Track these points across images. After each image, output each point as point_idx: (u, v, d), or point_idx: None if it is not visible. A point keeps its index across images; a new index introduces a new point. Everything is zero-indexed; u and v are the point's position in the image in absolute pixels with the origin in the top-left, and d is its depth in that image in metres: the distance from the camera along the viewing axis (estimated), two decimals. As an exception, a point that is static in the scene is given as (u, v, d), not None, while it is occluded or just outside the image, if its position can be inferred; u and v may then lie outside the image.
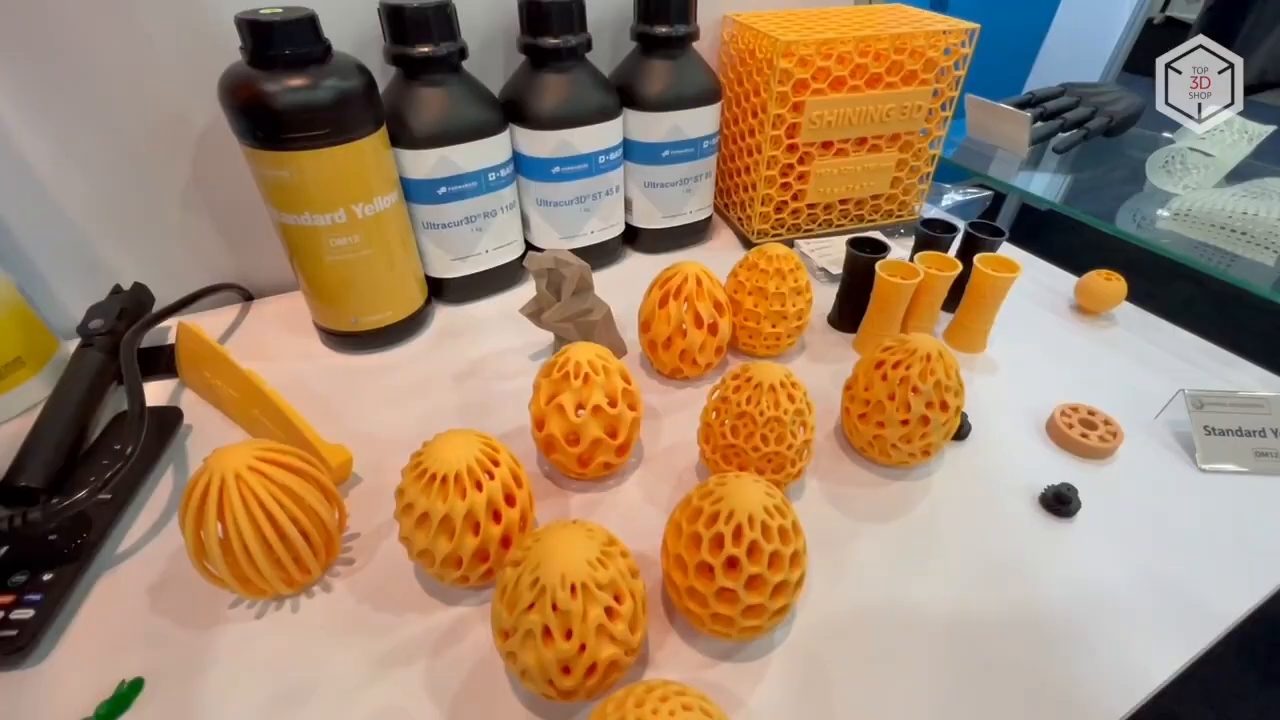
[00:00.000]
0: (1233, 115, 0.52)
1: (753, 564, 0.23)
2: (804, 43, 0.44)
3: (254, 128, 0.33)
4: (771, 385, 0.29)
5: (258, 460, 0.25)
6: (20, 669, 0.25)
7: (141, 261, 0.43)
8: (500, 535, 0.26)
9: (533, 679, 0.22)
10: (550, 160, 0.44)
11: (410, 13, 0.37)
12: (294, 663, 0.26)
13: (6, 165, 0.37)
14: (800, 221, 0.54)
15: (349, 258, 0.38)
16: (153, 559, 0.30)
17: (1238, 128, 0.55)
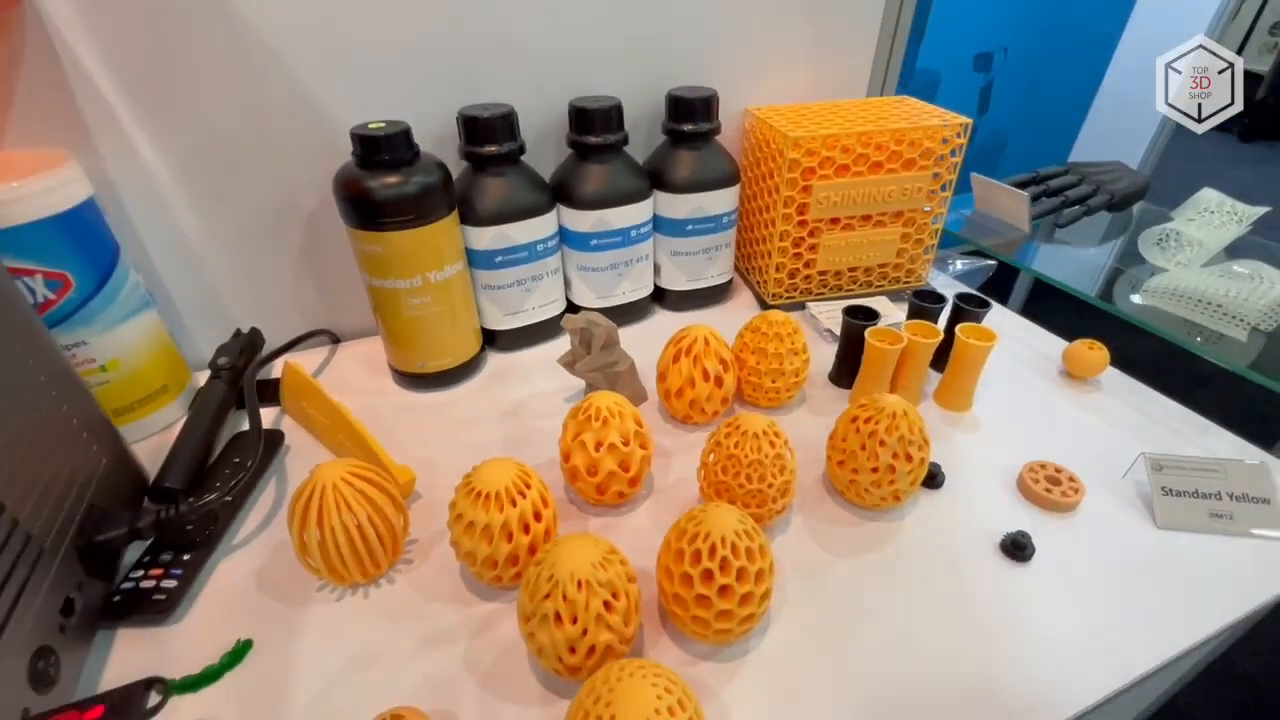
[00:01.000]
0: (1224, 198, 0.56)
1: (723, 576, 0.29)
2: (810, 137, 0.51)
3: (357, 214, 0.43)
4: (755, 433, 0.35)
5: (348, 474, 0.33)
6: (165, 625, 0.33)
7: (257, 310, 0.53)
8: (529, 544, 0.33)
9: (546, 656, 0.28)
10: (589, 234, 0.52)
11: (482, 121, 0.46)
12: (363, 636, 0.33)
13: (166, 233, 0.48)
14: (811, 286, 0.61)
15: (421, 314, 0.47)
16: (260, 549, 0.38)
17: (1228, 209, 0.58)
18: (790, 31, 0.58)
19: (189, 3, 0.41)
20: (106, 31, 0.40)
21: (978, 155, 2.17)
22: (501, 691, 0.30)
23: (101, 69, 0.41)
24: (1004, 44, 2.01)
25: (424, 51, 0.47)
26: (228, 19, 0.42)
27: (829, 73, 0.62)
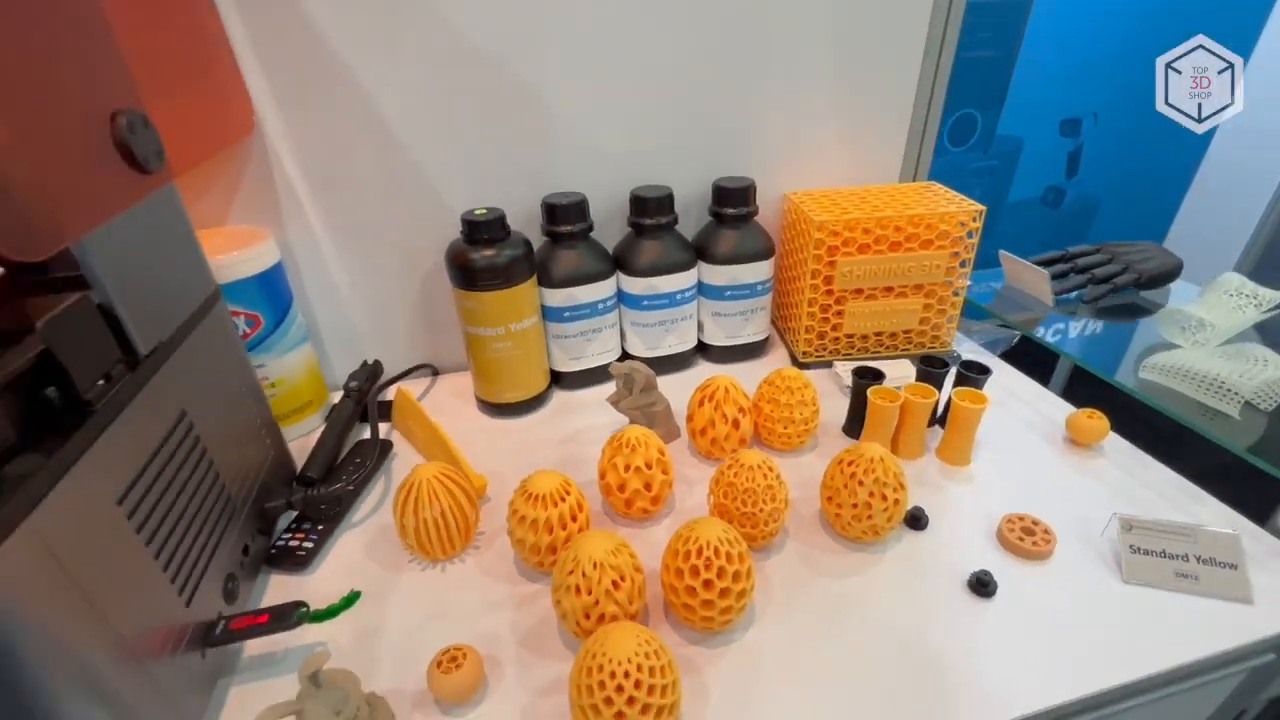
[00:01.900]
0: (1245, 281, 0.58)
1: (706, 572, 0.37)
2: (834, 221, 0.60)
3: (460, 277, 0.56)
4: (751, 466, 0.43)
5: (440, 474, 0.44)
6: (303, 574, 0.45)
7: (380, 346, 0.68)
8: (564, 538, 0.43)
9: (568, 619, 0.37)
10: (642, 296, 0.63)
11: (559, 207, 0.59)
12: (438, 598, 0.43)
13: (322, 287, 0.63)
14: (840, 347, 0.68)
15: (503, 355, 0.59)
16: (370, 528, 0.50)
17: (1248, 293, 0.60)
18: (826, 129, 0.68)
19: (356, 130, 0.56)
20: (300, 149, 0.56)
21: (1066, 220, 2.13)
22: (534, 647, 0.40)
23: (296, 173, 0.57)
24: (1093, 109, 2.00)
25: (517, 154, 0.61)
26: (380, 138, 0.57)
27: (863, 162, 0.71)
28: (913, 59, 0.66)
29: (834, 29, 0.62)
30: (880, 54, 0.65)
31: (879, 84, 0.67)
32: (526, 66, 0.57)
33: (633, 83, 0.61)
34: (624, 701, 0.30)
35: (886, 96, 0.68)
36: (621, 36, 0.58)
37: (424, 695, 0.37)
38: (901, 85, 0.67)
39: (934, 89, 0.68)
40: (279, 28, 0.51)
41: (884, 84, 0.67)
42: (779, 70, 0.63)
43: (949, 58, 0.67)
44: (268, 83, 0.53)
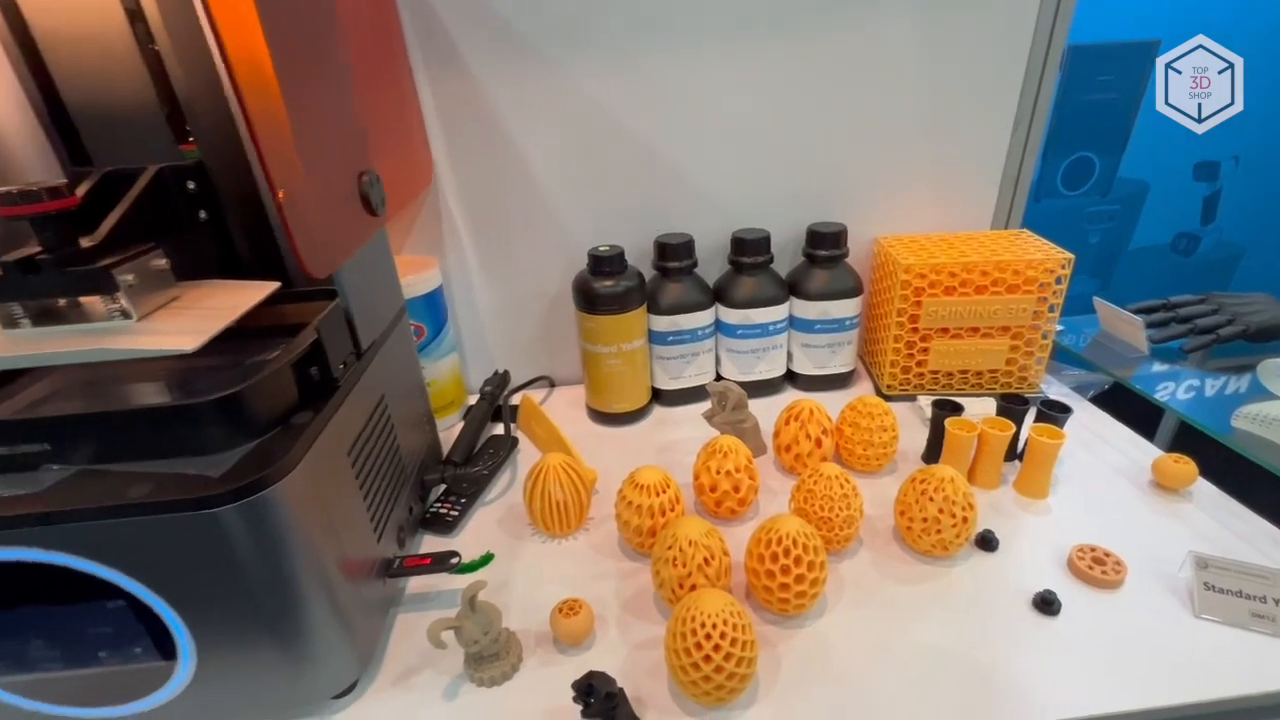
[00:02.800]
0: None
1: (785, 559, 0.43)
2: (920, 265, 0.65)
3: (584, 302, 0.66)
4: (829, 477, 0.49)
5: (564, 463, 0.54)
6: (449, 536, 0.56)
7: (508, 357, 0.79)
8: (663, 523, 0.50)
9: (664, 587, 0.45)
10: (737, 326, 0.71)
11: (669, 246, 0.68)
12: (555, 565, 0.52)
13: (468, 306, 0.76)
14: (924, 382, 0.72)
15: (614, 371, 0.68)
16: (499, 506, 0.60)
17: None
18: (918, 178, 0.73)
19: (506, 179, 0.69)
20: (463, 195, 0.69)
21: (1202, 269, 1.99)
22: (633, 611, 0.47)
23: (458, 214, 0.70)
24: (1234, 152, 1.88)
25: (635, 198, 0.71)
26: (524, 186, 0.69)
27: (953, 210, 0.75)
28: (1006, 110, 0.70)
29: (929, 83, 0.68)
30: (974, 105, 0.70)
31: (971, 135, 0.71)
32: (646, 126, 0.68)
33: (737, 137, 0.70)
34: (711, 648, 0.37)
35: (979, 146, 0.72)
36: (729, 97, 0.67)
37: (544, 636, 0.45)
38: (995, 136, 0.72)
39: (1029, 138, 0.72)
40: (457, 96, 0.65)
41: (977, 134, 0.72)
42: (873, 124, 0.70)
43: (1045, 106, 0.71)
44: (445, 141, 0.67)
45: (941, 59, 0.67)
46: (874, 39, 0.66)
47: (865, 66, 0.67)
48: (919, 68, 0.67)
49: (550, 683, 0.42)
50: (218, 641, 0.37)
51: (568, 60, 0.64)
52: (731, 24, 0.64)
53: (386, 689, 0.43)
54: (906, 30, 0.65)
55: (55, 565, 0.33)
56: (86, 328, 0.38)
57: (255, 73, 0.35)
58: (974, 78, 0.68)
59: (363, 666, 0.43)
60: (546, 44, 0.63)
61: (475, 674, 0.42)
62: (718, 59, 0.65)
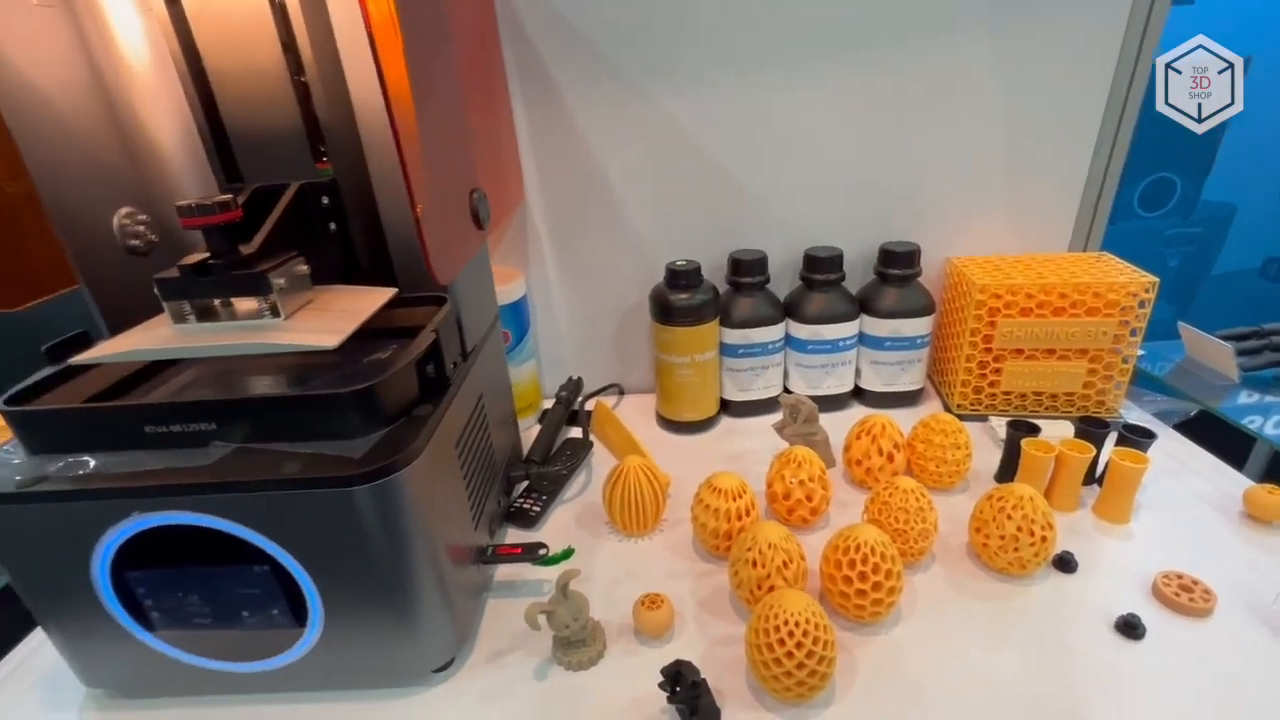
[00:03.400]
0: None
1: (862, 566, 0.44)
2: (995, 285, 0.65)
3: (660, 314, 0.69)
4: (905, 489, 0.50)
5: (643, 466, 0.56)
6: (531, 530, 0.59)
7: (582, 364, 0.83)
8: (739, 528, 0.52)
9: (743, 587, 0.47)
10: (807, 341, 0.72)
11: (743, 262, 0.70)
12: (632, 562, 0.55)
13: (547, 316, 0.80)
14: (996, 403, 0.72)
15: (686, 381, 0.71)
16: (576, 504, 0.63)
17: None
18: (994, 198, 0.74)
19: (589, 196, 0.73)
20: (548, 211, 0.74)
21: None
22: (710, 610, 0.49)
23: (543, 229, 0.75)
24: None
25: (710, 215, 0.74)
26: (605, 203, 0.73)
27: (1030, 231, 0.75)
28: (1088, 131, 0.70)
29: (1008, 103, 0.68)
30: (1054, 125, 0.69)
31: (1051, 155, 0.71)
32: (723, 146, 0.71)
33: (811, 157, 0.72)
34: (794, 644, 0.39)
35: (1058, 167, 0.72)
36: (805, 118, 0.70)
37: (624, 628, 0.48)
38: (1076, 157, 0.71)
39: (1111, 159, 0.71)
40: (548, 119, 0.69)
41: (1056, 155, 0.71)
42: (949, 144, 0.71)
43: (1129, 127, 0.70)
44: (535, 161, 0.71)
45: (1022, 79, 0.68)
46: (953, 60, 0.67)
47: (943, 87, 0.68)
48: (999, 88, 0.68)
49: (633, 671, 0.45)
50: (342, 610, 0.41)
51: (652, 85, 0.68)
52: (808, 49, 0.67)
53: (481, 666, 0.46)
54: (987, 52, 0.66)
55: (217, 530, 0.38)
56: (243, 324, 0.43)
57: (400, 101, 0.39)
58: (1055, 97, 0.68)
59: (460, 644, 0.46)
60: (633, 71, 0.67)
61: (564, 658, 0.45)
62: (795, 82, 0.68)
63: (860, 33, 0.66)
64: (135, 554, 0.39)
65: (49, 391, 0.43)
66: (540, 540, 0.52)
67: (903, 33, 0.66)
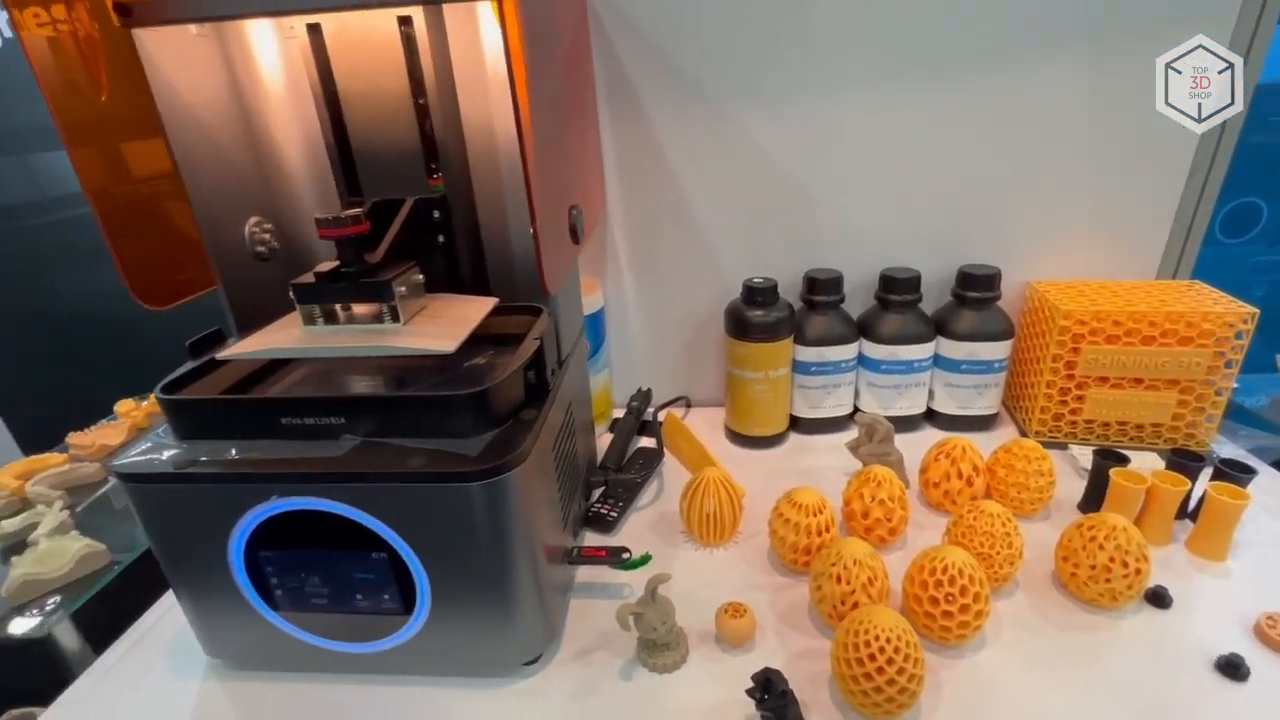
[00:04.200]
0: None
1: (949, 587, 0.45)
2: (1080, 311, 0.65)
3: (736, 329, 0.70)
4: (991, 514, 0.50)
5: (722, 477, 0.58)
6: (609, 534, 0.61)
7: (651, 376, 0.85)
8: (819, 544, 0.53)
9: (825, 602, 0.47)
10: (881, 361, 0.73)
11: (819, 281, 0.71)
12: (709, 573, 0.56)
13: (621, 328, 0.82)
14: (1077, 431, 0.70)
15: (758, 396, 0.72)
16: (649, 512, 0.64)
17: None
18: (1079, 222, 0.73)
19: (667, 213, 0.75)
20: (627, 227, 0.76)
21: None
22: (790, 622, 0.50)
23: (622, 244, 0.77)
24: None
25: (786, 234, 0.75)
26: (683, 220, 0.75)
27: (1116, 257, 0.73)
28: (1183, 156, 0.68)
29: (1098, 128, 0.67)
30: (1147, 150, 0.68)
31: (1142, 180, 0.70)
32: (802, 166, 0.72)
33: (890, 178, 0.72)
34: (884, 660, 0.39)
35: (1149, 193, 0.71)
36: (883, 140, 0.70)
37: (705, 635, 0.49)
38: (1169, 182, 0.70)
39: (1205, 185, 0.70)
40: (632, 135, 0.72)
41: (1148, 180, 0.70)
42: (1033, 167, 0.70)
43: (1226, 152, 0.68)
44: (618, 178, 0.74)
45: (1114, 103, 0.67)
46: (1041, 82, 0.66)
47: (1028, 109, 0.68)
48: (1089, 109, 0.67)
49: (715, 677, 0.46)
50: (446, 599, 0.43)
51: (735, 107, 0.70)
52: (889, 72, 0.67)
53: (568, 663, 0.48)
54: (1078, 73, 0.66)
55: (343, 516, 0.41)
56: (367, 327, 0.46)
57: (525, 124, 0.42)
58: (1149, 117, 0.66)
59: (549, 641, 0.48)
60: (718, 93, 0.69)
61: (649, 659, 0.46)
62: (876, 104, 0.69)
63: (945, 55, 0.67)
64: (267, 535, 0.42)
65: (192, 383, 0.47)
66: (621, 545, 0.54)
67: (988, 55, 0.66)
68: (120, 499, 0.61)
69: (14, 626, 0.52)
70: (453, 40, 0.52)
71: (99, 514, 0.65)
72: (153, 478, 0.41)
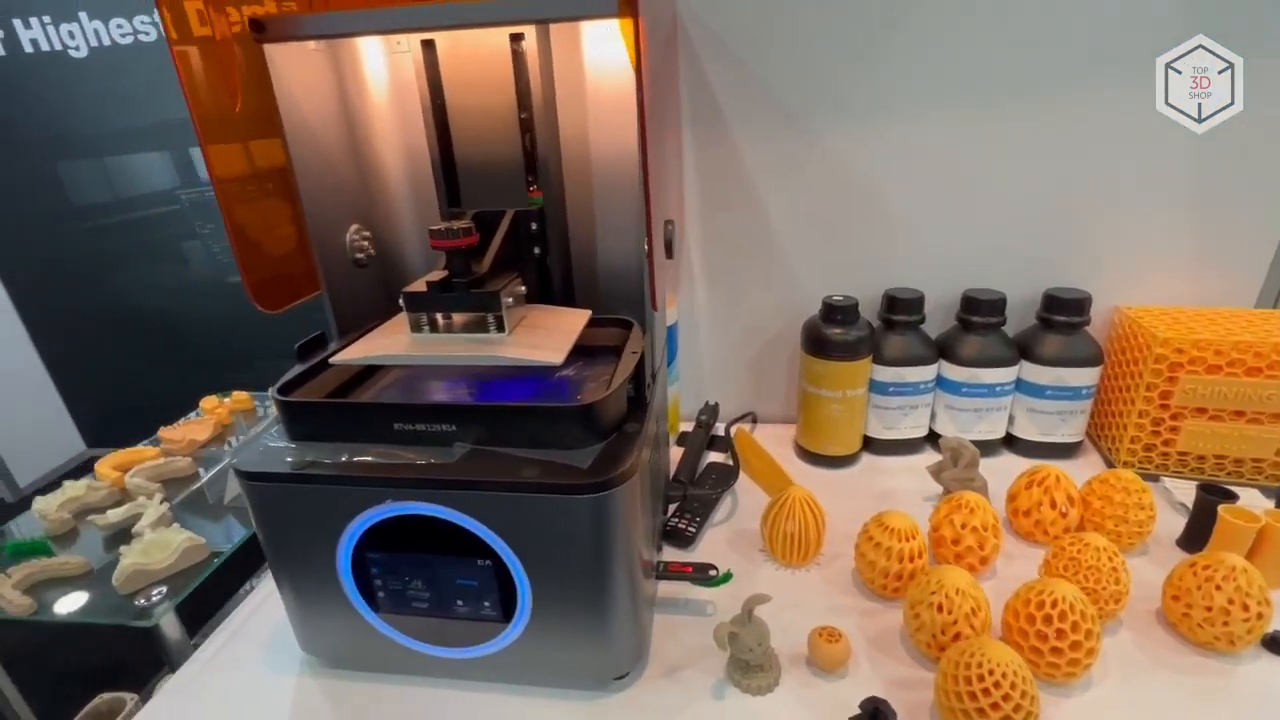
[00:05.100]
0: None
1: (1060, 622, 0.43)
2: (1179, 339, 0.62)
3: (814, 346, 0.70)
4: (1096, 547, 0.48)
5: (807, 497, 0.57)
6: (689, 548, 0.61)
7: (719, 390, 0.84)
8: (910, 570, 0.52)
9: (922, 631, 0.46)
10: (962, 383, 0.71)
11: (899, 300, 0.70)
12: (792, 593, 0.55)
13: (691, 340, 0.82)
14: (1169, 463, 0.67)
15: (834, 415, 0.71)
16: (726, 529, 0.64)
17: None
18: (1173, 246, 0.70)
19: (744, 229, 0.75)
20: (705, 241, 0.76)
21: None
22: (882, 649, 0.49)
23: (698, 258, 0.77)
24: None
25: (866, 252, 0.74)
26: (759, 235, 0.75)
27: (1212, 283, 0.71)
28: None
29: (1200, 149, 0.65)
30: (1255, 172, 0.66)
31: (1247, 205, 0.67)
32: (884, 184, 0.71)
33: (974, 196, 0.71)
34: (1000, 696, 0.38)
35: (1254, 217, 0.68)
36: (969, 159, 0.69)
37: (794, 659, 0.48)
38: (1272, 206, 0.67)
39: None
40: (715, 156, 0.72)
41: (1254, 204, 0.67)
42: (1128, 190, 0.69)
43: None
44: (698, 193, 0.74)
45: (1216, 124, 0.65)
46: (1137, 102, 0.65)
47: (1123, 130, 0.66)
48: (1189, 134, 0.65)
49: (809, 701, 0.45)
50: (546, 609, 0.43)
51: (820, 123, 0.70)
52: (977, 90, 0.67)
53: (657, 679, 0.48)
54: (1180, 96, 0.64)
55: (452, 522, 0.41)
56: (475, 337, 0.47)
57: (645, 138, 0.43)
58: (1257, 140, 0.64)
59: (639, 656, 0.48)
60: (802, 110, 0.69)
61: (742, 680, 0.46)
62: (962, 122, 0.68)
63: (1037, 72, 0.65)
64: (376, 538, 0.43)
65: (301, 385, 0.49)
66: (702, 561, 0.54)
67: (1083, 72, 0.65)
68: (215, 493, 0.63)
69: (122, 615, 0.54)
70: (555, 55, 0.53)
71: (193, 507, 0.67)
72: (273, 477, 0.42)
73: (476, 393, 0.53)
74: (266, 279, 0.51)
